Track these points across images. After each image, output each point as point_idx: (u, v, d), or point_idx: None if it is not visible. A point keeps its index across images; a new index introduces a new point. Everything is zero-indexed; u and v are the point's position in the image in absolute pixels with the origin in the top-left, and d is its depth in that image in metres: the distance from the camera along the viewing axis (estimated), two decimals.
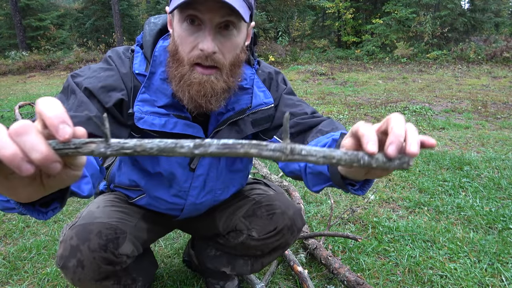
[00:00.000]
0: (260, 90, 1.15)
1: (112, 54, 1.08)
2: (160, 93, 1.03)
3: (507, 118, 4.99)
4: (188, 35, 0.93)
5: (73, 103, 0.95)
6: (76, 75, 1.02)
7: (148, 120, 1.01)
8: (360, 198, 2.58)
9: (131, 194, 1.29)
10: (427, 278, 1.69)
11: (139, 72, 1.03)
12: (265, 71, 1.21)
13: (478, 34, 13.81)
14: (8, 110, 6.13)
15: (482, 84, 7.96)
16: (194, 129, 1.07)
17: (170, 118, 1.03)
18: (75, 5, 22.90)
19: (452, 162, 3.16)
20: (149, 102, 1.02)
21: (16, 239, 2.10)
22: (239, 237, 1.35)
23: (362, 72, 10.44)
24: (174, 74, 0.98)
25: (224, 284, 1.58)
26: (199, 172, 1.17)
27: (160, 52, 1.04)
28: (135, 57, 1.07)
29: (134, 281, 1.28)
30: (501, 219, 2.19)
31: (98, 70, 1.02)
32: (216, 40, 0.92)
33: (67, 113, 0.47)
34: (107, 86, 0.99)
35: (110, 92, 0.99)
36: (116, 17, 17.09)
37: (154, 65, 1.04)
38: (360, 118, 5.22)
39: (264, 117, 1.16)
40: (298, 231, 1.34)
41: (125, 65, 1.05)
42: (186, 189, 1.20)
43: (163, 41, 1.06)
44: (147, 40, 1.08)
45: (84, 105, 0.94)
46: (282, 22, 15.95)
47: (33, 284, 1.70)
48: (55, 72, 12.70)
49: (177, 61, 0.96)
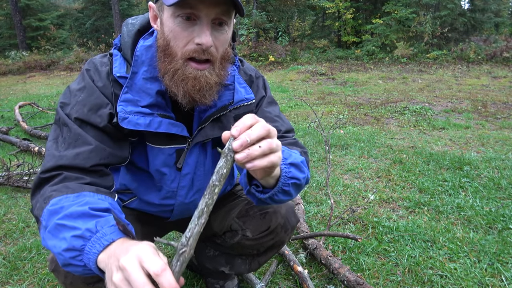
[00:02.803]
0: (241, 86, 1.15)
1: (88, 66, 1.07)
2: (143, 92, 1.02)
3: (507, 118, 4.99)
4: (182, 30, 0.92)
5: (69, 136, 0.97)
6: (63, 104, 1.02)
7: (132, 120, 1.00)
8: (360, 198, 2.58)
9: (122, 197, 1.29)
10: (427, 278, 1.69)
11: (120, 75, 1.02)
12: (247, 73, 1.22)
13: (478, 34, 13.81)
14: (8, 110, 6.14)
15: (482, 84, 7.96)
16: (179, 128, 1.07)
17: (154, 117, 1.03)
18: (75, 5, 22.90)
19: (452, 162, 3.16)
20: (132, 102, 1.01)
21: (16, 239, 2.10)
22: (234, 237, 1.36)
23: (362, 72, 10.44)
24: (167, 69, 0.97)
25: (224, 283, 1.58)
26: (185, 171, 1.17)
27: (142, 52, 1.03)
28: (114, 61, 1.06)
29: None
30: (501, 219, 2.19)
31: (78, 93, 1.02)
32: (211, 35, 0.93)
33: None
34: (92, 107, 0.99)
35: (98, 111, 1.00)
36: (116, 17, 17.10)
37: (136, 65, 1.03)
38: (360, 118, 5.22)
39: (246, 112, 1.15)
40: (292, 229, 1.34)
41: (101, 76, 1.04)
42: (174, 189, 1.20)
43: (144, 41, 1.05)
44: (126, 41, 1.07)
45: (81, 138, 0.96)
46: (282, 22, 15.94)
47: (33, 284, 1.70)
48: (55, 72, 12.71)
49: (170, 55, 0.96)
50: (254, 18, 13.34)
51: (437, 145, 3.84)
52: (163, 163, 1.14)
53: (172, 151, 1.12)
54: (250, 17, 13.39)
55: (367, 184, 2.83)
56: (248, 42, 13.72)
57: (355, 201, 2.54)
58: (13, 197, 2.67)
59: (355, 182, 2.89)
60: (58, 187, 0.89)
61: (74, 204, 0.82)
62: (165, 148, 1.11)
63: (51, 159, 0.94)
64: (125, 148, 1.06)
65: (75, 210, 0.80)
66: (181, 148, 1.13)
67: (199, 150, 1.16)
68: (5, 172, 2.85)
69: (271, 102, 1.24)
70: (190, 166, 1.17)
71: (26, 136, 4.38)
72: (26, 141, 3.83)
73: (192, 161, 1.16)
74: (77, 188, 0.88)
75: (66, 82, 10.32)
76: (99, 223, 0.77)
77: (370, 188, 2.76)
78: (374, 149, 3.69)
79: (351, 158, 3.44)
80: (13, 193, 2.73)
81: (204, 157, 1.20)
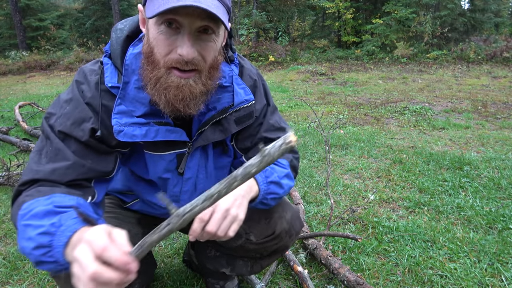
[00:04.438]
0: (240, 87, 1.13)
1: (78, 77, 1.04)
2: (136, 102, 0.99)
3: (507, 118, 4.99)
4: (165, 38, 0.89)
5: (50, 150, 0.96)
6: (49, 115, 1.00)
7: (128, 132, 0.98)
8: (360, 198, 2.58)
9: (125, 199, 1.29)
10: (427, 278, 1.69)
11: (112, 85, 0.99)
12: (252, 77, 1.19)
13: (478, 34, 13.81)
14: (8, 110, 6.13)
15: (482, 84, 7.96)
16: (177, 134, 1.05)
17: (150, 126, 1.00)
18: (75, 5, 22.89)
19: (452, 162, 3.16)
20: (127, 113, 0.99)
21: (16, 239, 2.09)
22: (237, 240, 1.34)
23: (362, 72, 10.44)
24: (149, 77, 0.93)
25: (224, 284, 1.58)
26: (187, 176, 1.16)
27: (131, 60, 0.99)
28: (105, 70, 1.02)
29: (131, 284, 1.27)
30: (501, 219, 2.19)
31: (64, 105, 1.00)
32: (196, 44, 0.89)
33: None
34: (76, 120, 0.97)
35: (81, 125, 0.97)
36: (116, 17, 17.09)
37: (126, 74, 0.99)
38: (360, 118, 5.22)
39: (246, 114, 1.15)
40: (297, 234, 1.33)
41: (90, 86, 1.01)
42: (177, 194, 1.19)
43: (133, 48, 1.01)
44: (114, 49, 1.03)
45: (60, 153, 0.95)
46: (282, 22, 15.94)
47: (33, 284, 1.70)
48: (55, 72, 12.70)
49: (152, 63, 0.92)
50: (254, 18, 13.34)
51: (437, 145, 3.84)
52: (165, 169, 1.13)
53: (172, 157, 1.11)
54: (250, 17, 13.39)
55: (367, 184, 2.83)
56: (248, 42, 13.71)
57: (355, 201, 2.54)
58: None
59: (355, 182, 2.89)
60: (31, 192, 0.89)
61: (41, 205, 0.82)
62: (165, 154, 1.09)
63: (29, 173, 0.94)
64: (109, 162, 1.04)
65: (41, 210, 0.81)
66: (182, 153, 1.11)
67: (200, 153, 1.15)
68: (5, 172, 2.85)
69: (273, 110, 1.25)
70: (192, 170, 1.16)
71: (26, 136, 4.38)
72: (26, 141, 3.83)
73: (193, 165, 1.15)
74: (48, 191, 0.88)
75: (66, 82, 10.32)
76: (62, 218, 0.78)
77: (370, 188, 2.76)
78: (374, 149, 3.69)
79: (351, 158, 3.44)
80: None
81: (206, 160, 1.18)
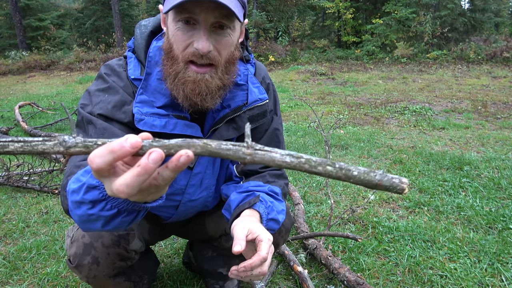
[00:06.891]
0: (255, 86, 1.15)
1: (106, 70, 1.08)
2: (158, 93, 1.03)
3: (507, 118, 4.99)
4: (182, 33, 0.93)
5: (95, 132, 0.97)
6: (84, 105, 1.03)
7: (148, 121, 1.01)
8: (360, 198, 2.58)
9: None
10: (427, 278, 1.69)
11: (135, 77, 1.04)
12: (265, 81, 1.23)
13: (478, 34, 13.81)
14: (8, 110, 6.14)
15: (482, 84, 7.96)
16: (193, 129, 1.07)
17: (170, 119, 1.03)
18: (75, 5, 22.91)
19: (452, 162, 3.16)
20: (148, 103, 1.02)
21: (16, 239, 2.10)
22: (229, 240, 1.36)
23: (362, 72, 10.44)
24: (169, 72, 0.98)
25: (224, 284, 1.58)
26: (196, 171, 1.18)
27: (155, 52, 1.04)
28: (128, 63, 1.07)
29: (141, 278, 1.33)
30: (501, 219, 2.19)
31: (101, 94, 1.03)
32: (211, 38, 0.92)
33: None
34: (117, 104, 1.01)
35: (123, 107, 1.01)
36: (116, 17, 17.10)
37: (149, 65, 1.03)
38: (360, 118, 5.22)
39: (260, 112, 1.17)
40: (287, 231, 1.33)
41: (122, 77, 1.06)
42: (183, 187, 1.20)
43: (157, 41, 1.06)
44: (139, 43, 1.08)
45: (107, 131, 0.97)
46: (282, 22, 15.95)
47: (33, 284, 1.70)
48: (55, 72, 12.70)
49: (172, 58, 0.97)
50: (254, 18, 13.34)
51: (437, 145, 3.84)
52: None
53: None
54: (250, 17, 13.38)
55: None
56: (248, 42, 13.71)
57: (355, 201, 2.54)
58: (13, 197, 2.67)
59: None
60: (74, 172, 0.87)
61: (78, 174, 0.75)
62: None
63: (73, 164, 0.94)
64: None
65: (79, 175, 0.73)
66: None
67: None
68: (5, 172, 2.85)
69: (280, 122, 1.29)
70: (202, 165, 1.17)
71: (26, 136, 4.39)
72: None
73: (204, 160, 1.17)
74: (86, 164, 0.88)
75: (66, 82, 10.32)
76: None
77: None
78: (374, 149, 3.69)
79: (351, 158, 3.44)
80: (13, 193, 2.73)
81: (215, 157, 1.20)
